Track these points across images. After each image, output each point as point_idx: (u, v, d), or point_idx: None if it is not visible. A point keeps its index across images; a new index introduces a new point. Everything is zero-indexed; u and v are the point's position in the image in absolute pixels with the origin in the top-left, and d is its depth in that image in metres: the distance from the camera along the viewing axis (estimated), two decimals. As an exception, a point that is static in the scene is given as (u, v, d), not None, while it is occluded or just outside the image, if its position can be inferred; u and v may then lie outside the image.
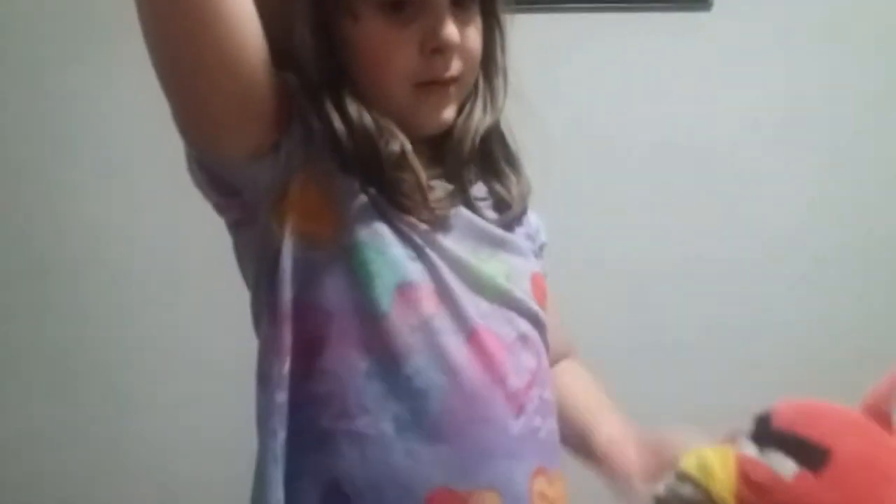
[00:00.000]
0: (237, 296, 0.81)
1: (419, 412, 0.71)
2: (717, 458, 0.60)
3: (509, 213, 0.80)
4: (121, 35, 0.78)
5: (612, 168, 1.44)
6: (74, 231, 1.52)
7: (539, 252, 0.87)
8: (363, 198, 0.73)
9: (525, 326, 0.77)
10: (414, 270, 0.73)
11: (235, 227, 0.78)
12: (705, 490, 0.50)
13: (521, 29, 0.84)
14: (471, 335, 0.73)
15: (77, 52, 1.48)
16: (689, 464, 0.61)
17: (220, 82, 0.69)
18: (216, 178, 0.75)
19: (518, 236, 0.82)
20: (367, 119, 0.73)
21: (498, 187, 0.81)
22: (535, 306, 0.78)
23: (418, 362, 0.71)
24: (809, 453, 0.53)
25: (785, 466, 0.55)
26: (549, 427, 0.78)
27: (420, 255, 0.73)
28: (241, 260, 0.79)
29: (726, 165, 1.46)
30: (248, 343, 0.78)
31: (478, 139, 0.79)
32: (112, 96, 1.46)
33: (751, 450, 0.60)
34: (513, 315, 0.77)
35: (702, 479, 0.56)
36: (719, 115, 1.47)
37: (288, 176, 0.73)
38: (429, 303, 0.72)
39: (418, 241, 0.73)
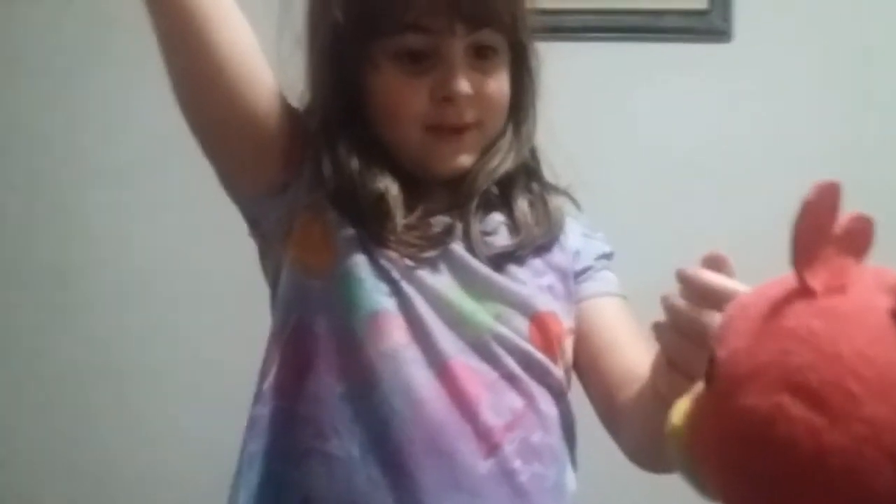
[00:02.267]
0: (241, 305, 0.84)
1: (381, 439, 0.73)
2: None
3: (522, 237, 0.81)
4: (129, 43, 0.81)
5: (631, 195, 1.44)
6: (79, 236, 1.54)
7: (575, 278, 0.84)
8: (351, 232, 0.77)
9: (513, 366, 0.77)
10: (386, 301, 0.75)
11: (260, 256, 0.84)
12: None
13: (546, 58, 0.86)
14: (442, 369, 0.75)
15: (84, 59, 1.51)
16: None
17: (232, 127, 0.76)
18: (242, 210, 0.82)
19: (522, 274, 0.80)
20: (354, 162, 0.77)
21: (517, 213, 0.82)
22: (526, 346, 0.77)
23: (384, 390, 0.73)
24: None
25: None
26: (534, 472, 0.75)
27: (395, 288, 0.76)
28: (269, 285, 0.84)
29: (747, 194, 1.46)
30: (247, 352, 0.83)
31: (493, 181, 0.81)
32: (120, 102, 1.49)
33: None
34: (499, 354, 0.76)
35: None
36: (738, 145, 1.46)
37: (295, 212, 0.78)
38: (399, 333, 0.75)
39: (395, 275, 0.76)
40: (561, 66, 0.84)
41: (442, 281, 0.78)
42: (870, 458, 0.24)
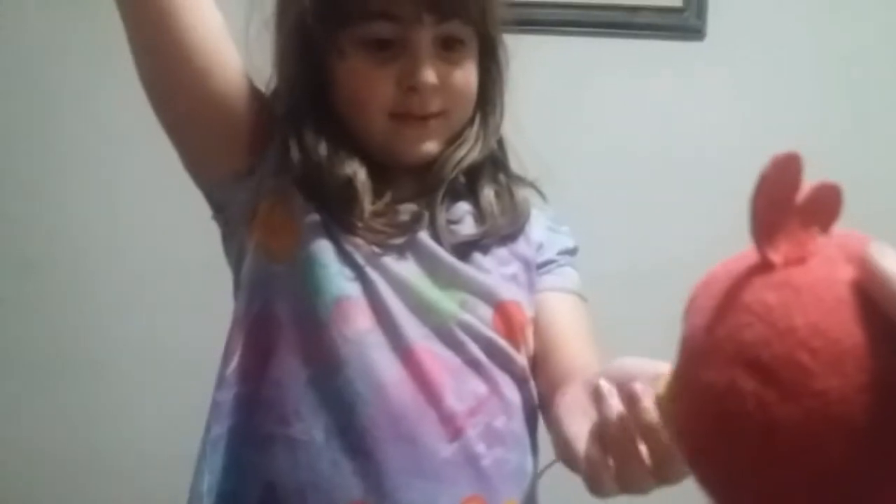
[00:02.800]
0: (219, 298, 0.84)
1: (345, 424, 0.73)
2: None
3: (487, 227, 0.81)
4: (107, 36, 0.80)
5: (604, 189, 1.44)
6: (60, 230, 1.52)
7: (536, 269, 0.85)
8: (316, 217, 0.77)
9: (477, 353, 0.77)
10: (351, 287, 0.76)
11: (223, 239, 0.84)
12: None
13: (518, 50, 0.86)
14: (406, 354, 0.75)
15: (61, 51, 1.49)
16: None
17: (199, 111, 0.76)
18: (206, 194, 0.82)
19: (488, 263, 0.81)
20: (322, 147, 0.77)
21: (483, 203, 0.83)
22: (489, 333, 0.78)
23: (348, 374, 0.73)
24: None
25: None
26: (496, 456, 0.76)
27: (359, 273, 0.76)
28: (231, 269, 0.84)
29: (718, 191, 1.46)
30: (211, 336, 0.82)
31: (460, 170, 0.82)
32: (100, 96, 1.47)
33: None
34: (464, 340, 0.77)
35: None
36: (710, 142, 1.47)
37: (260, 197, 0.78)
38: (364, 318, 0.75)
39: (359, 260, 0.76)
40: (535, 58, 0.85)
41: (407, 268, 0.78)
42: (820, 431, 0.24)
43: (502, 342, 0.79)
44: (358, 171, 0.78)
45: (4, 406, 1.53)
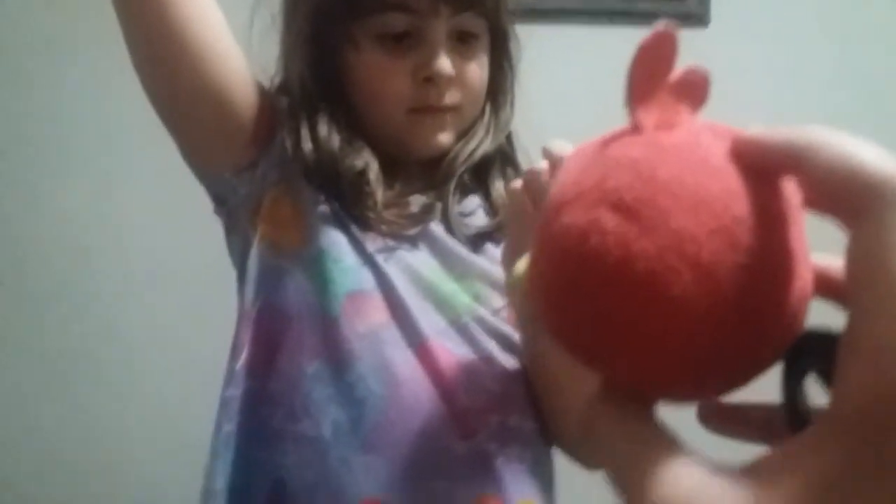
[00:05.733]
0: (223, 295, 0.84)
1: (356, 420, 0.71)
2: None
3: (500, 219, 0.81)
4: (106, 39, 0.79)
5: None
6: (60, 230, 1.52)
7: None
8: (326, 209, 0.76)
9: (493, 348, 0.76)
10: (365, 280, 0.75)
11: (225, 233, 0.83)
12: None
13: (521, 40, 0.87)
14: (420, 349, 0.74)
15: (56, 56, 1.49)
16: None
17: (198, 104, 0.75)
18: (207, 187, 0.81)
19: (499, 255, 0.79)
20: (335, 138, 0.77)
21: (494, 195, 0.83)
22: (504, 328, 0.77)
23: (361, 370, 0.72)
24: None
25: None
26: (510, 454, 0.74)
27: (373, 266, 0.75)
28: (234, 264, 0.83)
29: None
30: (216, 334, 0.82)
31: (471, 163, 0.82)
32: (95, 97, 1.48)
33: None
34: (478, 336, 0.76)
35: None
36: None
37: (263, 189, 0.77)
38: (378, 313, 0.74)
39: (372, 252, 0.75)
40: (536, 47, 0.85)
41: (421, 260, 0.77)
42: (672, 263, 0.26)
43: (516, 337, 0.77)
44: (371, 163, 0.77)
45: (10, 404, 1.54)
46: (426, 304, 0.75)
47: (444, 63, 0.76)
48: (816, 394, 0.29)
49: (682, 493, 0.26)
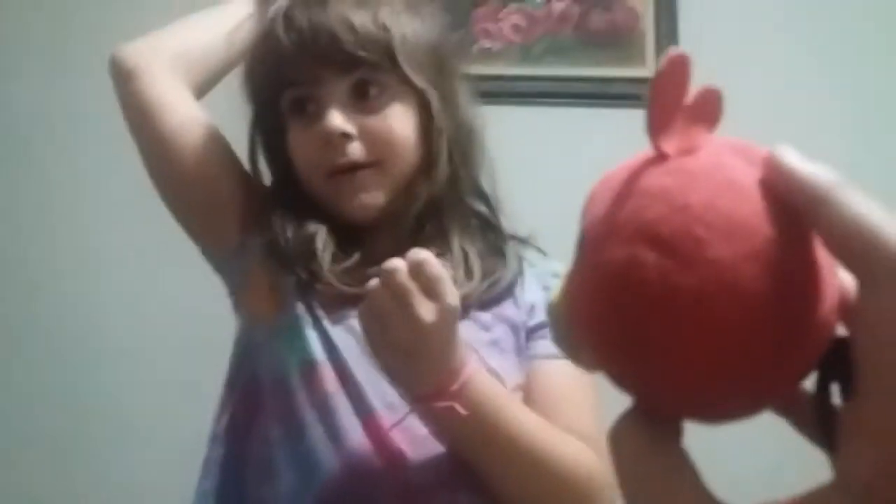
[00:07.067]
0: (211, 313, 0.90)
1: (309, 484, 0.74)
2: None
3: (464, 291, 0.76)
4: (90, 49, 0.88)
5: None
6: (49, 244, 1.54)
7: (529, 334, 0.82)
8: (292, 282, 0.80)
9: None
10: (317, 351, 0.78)
11: (233, 310, 0.89)
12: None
13: (501, 121, 0.90)
14: (368, 420, 0.74)
15: (42, 65, 1.53)
16: None
17: (188, 198, 0.86)
18: (213, 269, 0.89)
19: (466, 328, 0.74)
20: (291, 215, 0.81)
21: (455, 252, 0.80)
22: None
23: (314, 437, 0.75)
24: None
25: None
26: None
27: (325, 337, 0.78)
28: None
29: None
30: (220, 357, 0.86)
31: (412, 214, 0.81)
32: (81, 107, 1.48)
33: None
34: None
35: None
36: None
37: (251, 265, 0.83)
38: (329, 382, 0.77)
39: (326, 324, 0.79)
40: (516, 128, 0.88)
41: None
42: (714, 294, 0.27)
43: None
44: (319, 230, 0.80)
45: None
46: (376, 375, 0.74)
47: (332, 120, 0.77)
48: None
49: None
